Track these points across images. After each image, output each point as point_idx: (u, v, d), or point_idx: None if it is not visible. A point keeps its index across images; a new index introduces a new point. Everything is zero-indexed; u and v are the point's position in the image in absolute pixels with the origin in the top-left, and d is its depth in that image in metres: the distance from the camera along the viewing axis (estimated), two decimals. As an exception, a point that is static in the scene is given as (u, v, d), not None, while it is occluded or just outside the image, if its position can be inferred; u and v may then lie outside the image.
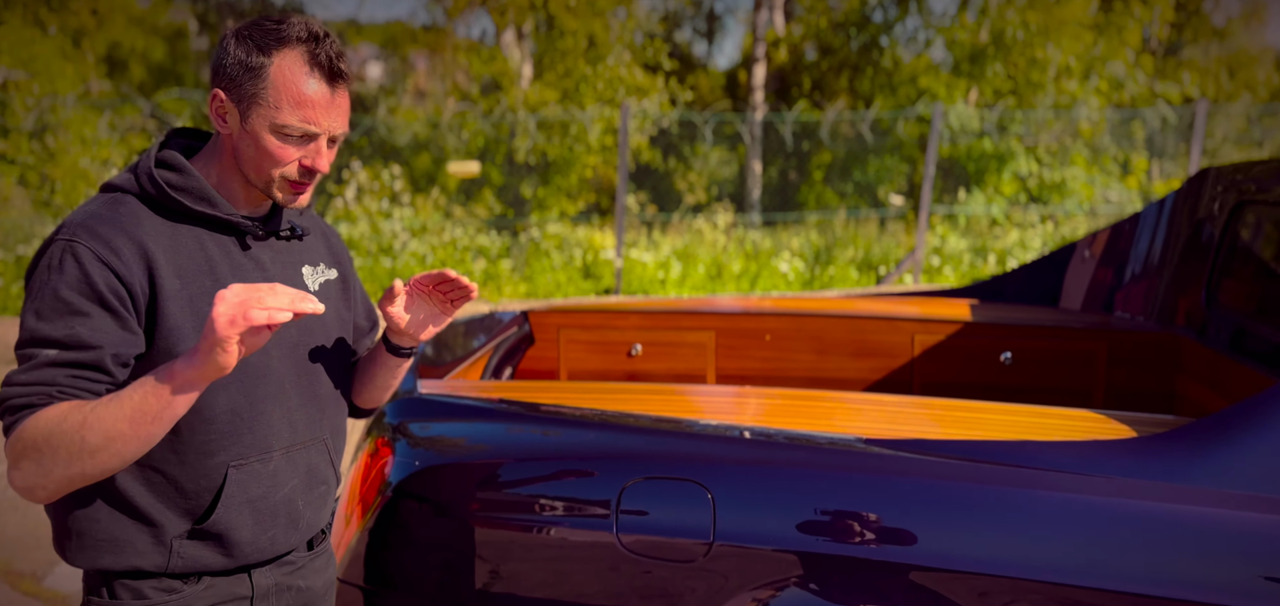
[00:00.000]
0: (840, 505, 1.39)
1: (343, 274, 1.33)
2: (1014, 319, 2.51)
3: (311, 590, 1.28)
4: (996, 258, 8.85)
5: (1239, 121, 10.83)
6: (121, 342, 1.07)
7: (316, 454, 1.25)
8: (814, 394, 1.85)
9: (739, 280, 8.25)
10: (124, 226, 1.10)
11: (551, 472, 1.49)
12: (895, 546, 1.35)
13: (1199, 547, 1.25)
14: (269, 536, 1.19)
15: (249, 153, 1.14)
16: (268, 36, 1.12)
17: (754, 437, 1.49)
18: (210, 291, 1.12)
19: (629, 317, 2.62)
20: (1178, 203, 2.44)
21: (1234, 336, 2.15)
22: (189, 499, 1.13)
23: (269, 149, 1.12)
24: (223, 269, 1.15)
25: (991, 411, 1.69)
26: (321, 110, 1.12)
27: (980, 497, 1.34)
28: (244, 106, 1.12)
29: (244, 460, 1.16)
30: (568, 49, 9.81)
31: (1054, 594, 1.28)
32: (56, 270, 1.06)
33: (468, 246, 8.29)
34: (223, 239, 1.17)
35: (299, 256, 1.26)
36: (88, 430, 1.00)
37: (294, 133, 1.12)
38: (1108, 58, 9.60)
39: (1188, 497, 1.27)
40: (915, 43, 11.50)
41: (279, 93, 1.11)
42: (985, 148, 9.28)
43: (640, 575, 1.43)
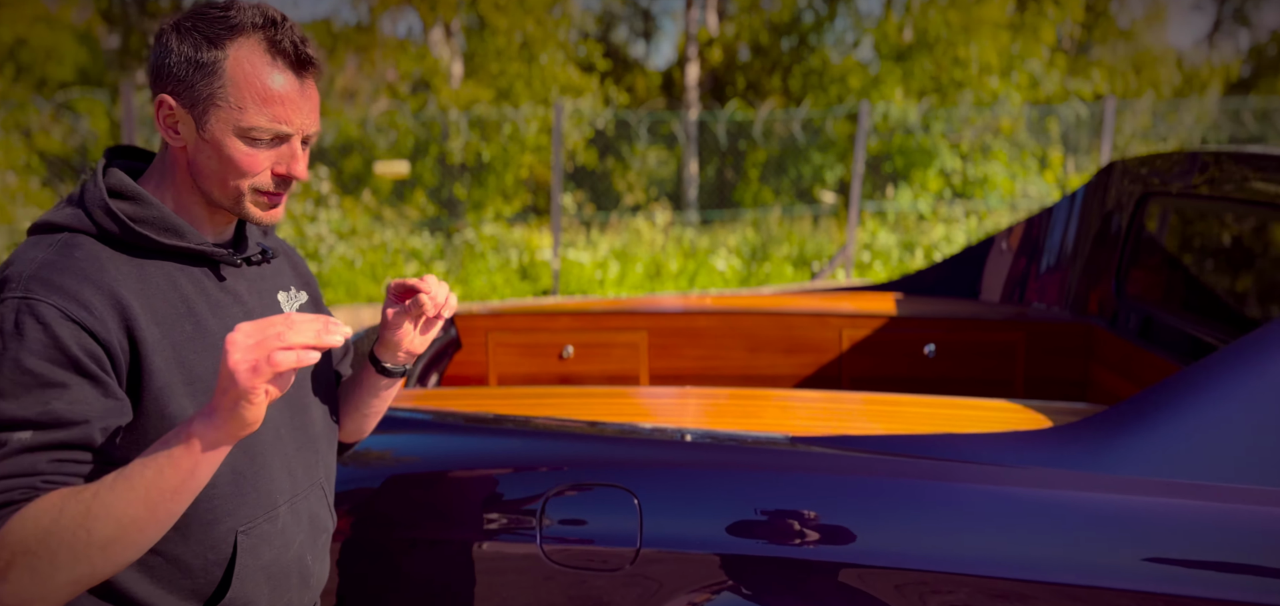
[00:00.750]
0: (768, 505, 1.38)
1: (313, 296, 1.18)
2: (937, 312, 2.57)
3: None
4: (924, 252, 9.12)
5: (1145, 117, 11.43)
6: (107, 413, 0.90)
7: (316, 500, 1.12)
8: (745, 392, 1.85)
9: (677, 279, 8.28)
10: (87, 273, 0.92)
11: (476, 484, 1.45)
12: (825, 545, 1.35)
13: (1113, 534, 1.28)
14: (285, 602, 1.06)
15: (210, 165, 0.97)
16: (216, 27, 0.95)
17: (680, 439, 1.47)
18: (193, 337, 0.97)
19: (560, 319, 2.58)
20: (1087, 196, 2.53)
21: (1142, 324, 2.24)
22: (197, 578, 0.98)
23: (235, 158, 0.96)
24: (201, 308, 0.99)
25: (915, 404, 1.71)
26: (292, 105, 0.97)
27: (907, 493, 1.35)
28: (199, 111, 0.95)
29: (252, 523, 1.01)
30: (500, 48, 9.68)
31: (981, 586, 1.29)
32: (14, 336, 0.87)
33: (398, 249, 8.09)
34: (194, 273, 1.00)
35: (272, 282, 1.11)
36: (94, 520, 0.83)
37: (263, 135, 0.96)
38: (1025, 56, 10.00)
39: (1101, 485, 1.30)
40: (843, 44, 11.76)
41: (241, 90, 0.95)
42: (911, 144, 9.55)
43: (566, 586, 1.40)
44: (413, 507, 1.45)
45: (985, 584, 1.29)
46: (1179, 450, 1.29)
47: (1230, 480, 1.26)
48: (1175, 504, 1.27)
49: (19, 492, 0.85)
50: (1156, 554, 1.26)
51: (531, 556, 1.40)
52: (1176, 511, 1.27)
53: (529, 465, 1.44)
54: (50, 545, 0.83)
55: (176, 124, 0.98)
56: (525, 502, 1.41)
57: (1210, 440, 1.27)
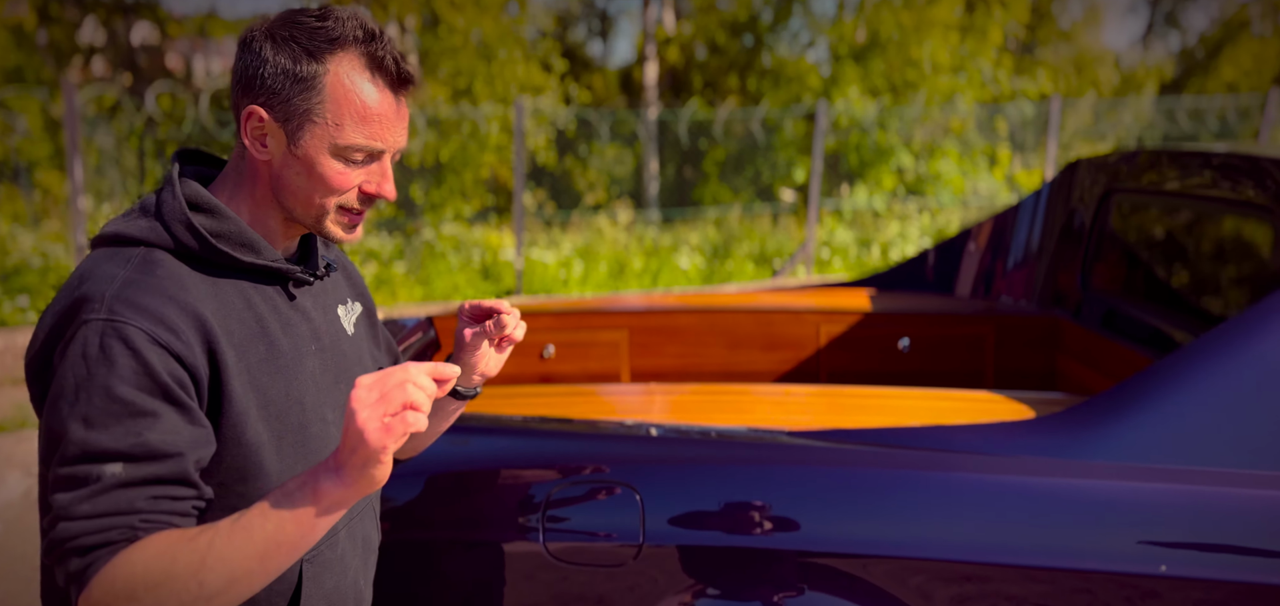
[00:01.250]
0: (770, 498, 1.41)
1: (367, 307, 1.16)
2: (910, 307, 2.64)
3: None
4: (880, 248, 9.32)
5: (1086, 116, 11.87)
6: (198, 443, 0.87)
7: (368, 520, 1.10)
8: (734, 388, 1.87)
9: (641, 277, 8.31)
10: (171, 293, 0.88)
11: (477, 484, 1.44)
12: (827, 536, 1.38)
13: (1099, 519, 1.34)
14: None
15: (297, 182, 0.94)
16: (316, 38, 0.91)
17: (683, 436, 1.49)
18: (266, 360, 0.94)
19: (540, 319, 2.57)
20: (1052, 193, 2.62)
21: (1106, 316, 2.34)
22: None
23: (327, 175, 0.93)
24: (273, 328, 0.96)
25: (903, 397, 1.76)
26: (388, 124, 0.94)
27: (906, 483, 1.39)
28: (294, 126, 0.92)
29: (315, 552, 0.98)
30: (456, 46, 9.57)
31: (976, 573, 1.34)
32: (100, 361, 0.83)
33: (355, 250, 7.94)
34: (266, 290, 0.97)
35: (332, 296, 1.08)
36: (207, 572, 0.80)
37: (359, 154, 0.93)
38: (974, 56, 10.29)
39: (1087, 472, 1.36)
40: (798, 43, 11.94)
41: (340, 107, 0.91)
42: (866, 142, 9.75)
43: (569, 583, 1.40)
44: (414, 507, 1.44)
45: (980, 571, 1.34)
46: (1159, 437, 1.35)
47: (1209, 464, 1.33)
48: (1158, 489, 1.33)
49: (117, 533, 0.82)
50: (1142, 536, 1.32)
51: (534, 554, 1.40)
52: (1159, 495, 1.33)
53: (531, 463, 1.44)
54: (158, 593, 0.80)
55: (265, 137, 0.94)
56: (528, 501, 1.41)
57: (1189, 427, 1.34)
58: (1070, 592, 1.32)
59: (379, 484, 0.83)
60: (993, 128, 10.37)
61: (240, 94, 0.94)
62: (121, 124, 7.79)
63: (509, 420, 1.55)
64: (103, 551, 0.81)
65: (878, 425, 1.59)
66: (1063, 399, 1.77)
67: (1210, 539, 1.30)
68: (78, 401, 0.82)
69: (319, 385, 0.99)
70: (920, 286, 2.88)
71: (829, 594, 1.36)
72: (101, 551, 0.81)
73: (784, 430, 1.53)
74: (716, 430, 1.52)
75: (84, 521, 0.81)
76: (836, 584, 1.36)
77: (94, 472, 0.82)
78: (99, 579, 0.80)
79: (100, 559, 0.81)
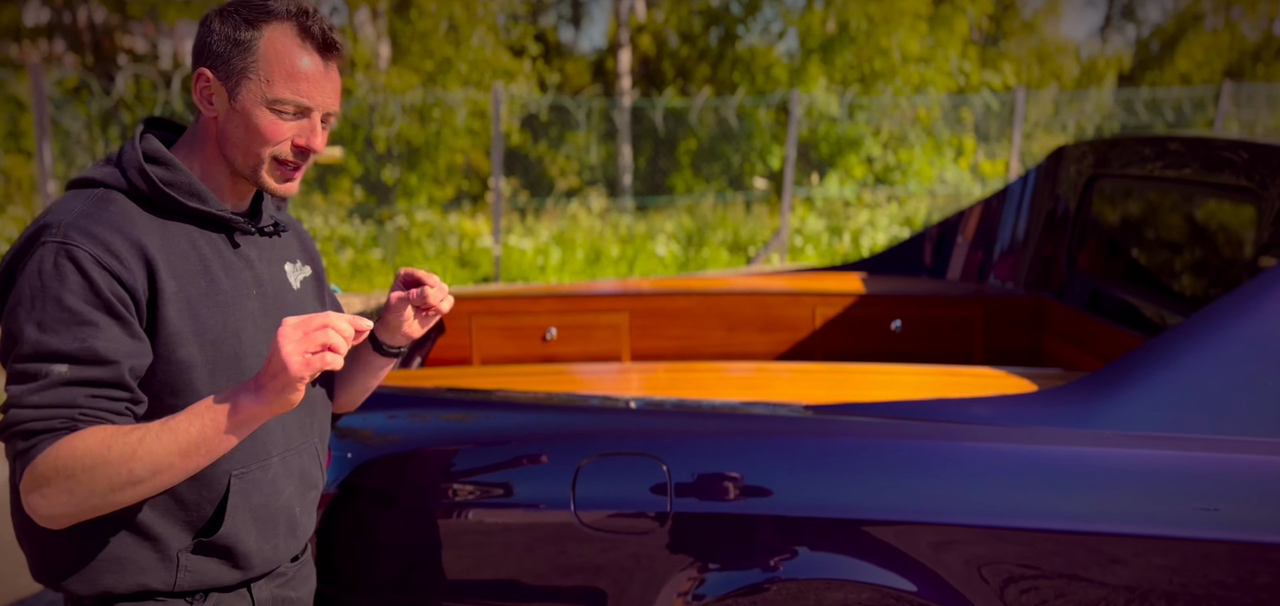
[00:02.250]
0: (792, 468, 1.46)
1: (316, 271, 1.29)
2: (902, 290, 2.72)
3: (302, 600, 1.26)
4: (851, 236, 9.47)
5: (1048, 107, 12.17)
6: (135, 353, 1.02)
7: (309, 458, 1.23)
8: (755, 365, 1.92)
9: (617, 264, 8.33)
10: (119, 226, 1.03)
11: (505, 457, 1.47)
12: (848, 504, 1.44)
13: (1105, 483, 1.42)
14: (272, 546, 1.16)
15: (237, 134, 1.09)
16: (255, 11, 1.08)
17: (707, 409, 1.54)
18: (207, 293, 1.08)
19: (542, 302, 2.60)
20: (1039, 178, 2.72)
21: (1091, 297, 2.44)
22: (191, 511, 1.09)
23: (261, 126, 1.08)
24: (216, 268, 1.10)
25: (910, 373, 1.83)
26: (315, 84, 1.09)
27: (924, 452, 1.45)
28: (233, 83, 1.07)
29: (245, 468, 1.12)
30: (427, 30, 9.45)
31: (992, 535, 1.41)
32: (54, 276, 0.99)
33: (329, 236, 7.83)
34: (213, 237, 1.12)
35: (281, 253, 1.22)
36: (136, 461, 0.96)
37: (288, 107, 1.08)
38: (941, 47, 10.48)
39: (1092, 440, 1.43)
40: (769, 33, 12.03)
41: (271, 66, 1.07)
42: (838, 132, 9.88)
43: (600, 551, 1.44)
44: (443, 481, 1.46)
45: (995, 533, 1.41)
46: (1162, 406, 1.43)
47: (1210, 432, 1.42)
48: (1158, 454, 1.42)
49: (60, 421, 0.97)
50: (1147, 500, 1.40)
51: (565, 524, 1.44)
52: (1159, 461, 1.41)
53: (561, 436, 1.47)
54: (93, 474, 0.96)
55: (211, 96, 1.09)
56: (559, 471, 1.45)
57: (1190, 397, 1.43)
58: (1081, 552, 1.40)
59: (291, 406, 0.98)
60: (959, 118, 10.59)
61: (194, 61, 1.10)
62: (86, 106, 7.56)
63: (538, 395, 1.58)
64: (45, 436, 0.97)
65: (887, 399, 1.65)
66: (1058, 374, 1.85)
67: (1213, 502, 1.39)
68: (34, 309, 0.99)
69: (258, 325, 1.13)
70: (911, 270, 2.97)
71: (854, 558, 1.42)
72: (44, 436, 0.97)
73: (800, 404, 1.58)
74: (738, 403, 1.57)
75: (32, 410, 0.97)
76: (861, 548, 1.42)
77: (43, 370, 0.98)
78: (41, 458, 0.96)
79: (43, 442, 0.97)
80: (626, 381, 1.87)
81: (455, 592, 1.44)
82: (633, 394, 1.74)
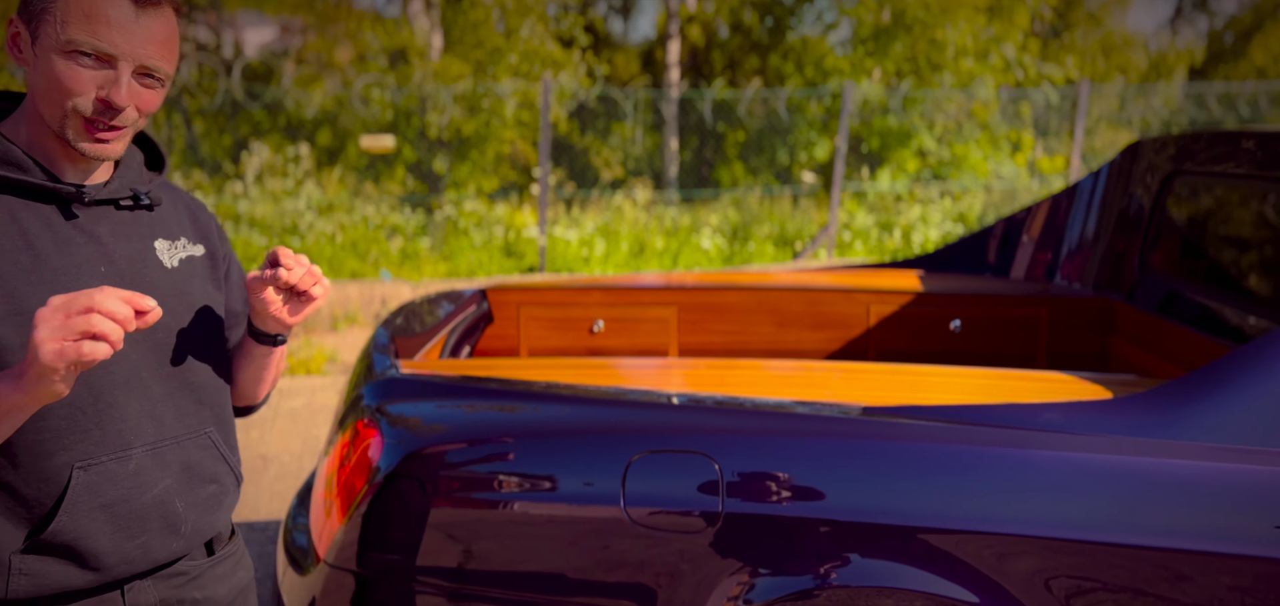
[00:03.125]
0: (846, 471, 1.40)
1: (210, 250, 1.17)
2: (961, 288, 2.62)
3: (212, 600, 1.15)
4: (902, 232, 9.26)
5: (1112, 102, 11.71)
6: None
7: (197, 449, 1.11)
8: (807, 364, 1.87)
9: (661, 257, 8.29)
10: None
11: (555, 450, 1.44)
12: (905, 510, 1.38)
13: (1188, 497, 1.33)
14: (139, 544, 1.04)
15: (41, 84, 0.97)
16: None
17: (762, 408, 1.49)
18: (27, 269, 0.97)
19: (590, 294, 2.57)
20: (1111, 174, 2.59)
21: (1164, 299, 2.31)
22: (27, 506, 0.98)
23: (59, 74, 0.96)
24: (44, 243, 0.99)
25: (969, 376, 1.75)
26: (119, 29, 0.96)
27: (988, 460, 1.38)
28: (34, 27, 0.97)
29: (93, 460, 1.01)
30: (479, 20, 9.52)
31: (1058, 548, 1.34)
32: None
33: (380, 225, 7.96)
34: (41, 209, 1.00)
35: (150, 229, 1.09)
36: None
37: (86, 50, 0.95)
38: (1001, 39, 10.16)
39: (1174, 452, 1.35)
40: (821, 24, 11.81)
41: (68, 4, 0.95)
42: (890, 126, 9.66)
43: (649, 549, 1.41)
44: (491, 472, 1.45)
45: (1067, 546, 1.33)
46: (1250, 419, 1.34)
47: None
48: (1248, 470, 1.32)
49: None
50: (1231, 516, 1.31)
51: (614, 519, 1.41)
52: (1249, 478, 1.32)
53: (612, 431, 1.44)
54: None
55: (20, 45, 0.99)
56: (609, 467, 1.42)
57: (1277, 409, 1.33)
58: (1156, 569, 1.32)
59: (59, 395, 0.89)
60: (1017, 112, 10.25)
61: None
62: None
63: (588, 390, 1.55)
64: None
65: (949, 402, 1.58)
66: (1133, 380, 1.75)
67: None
68: None
69: None
70: (971, 268, 2.86)
71: (914, 567, 1.36)
72: None
73: (858, 405, 1.52)
74: (793, 403, 1.52)
75: None
76: (922, 558, 1.36)
77: None
78: None
79: None
80: (674, 377, 1.83)
81: (501, 583, 1.42)
82: (680, 390, 1.70)
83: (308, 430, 4.11)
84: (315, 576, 1.49)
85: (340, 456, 1.55)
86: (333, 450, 1.60)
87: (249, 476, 3.56)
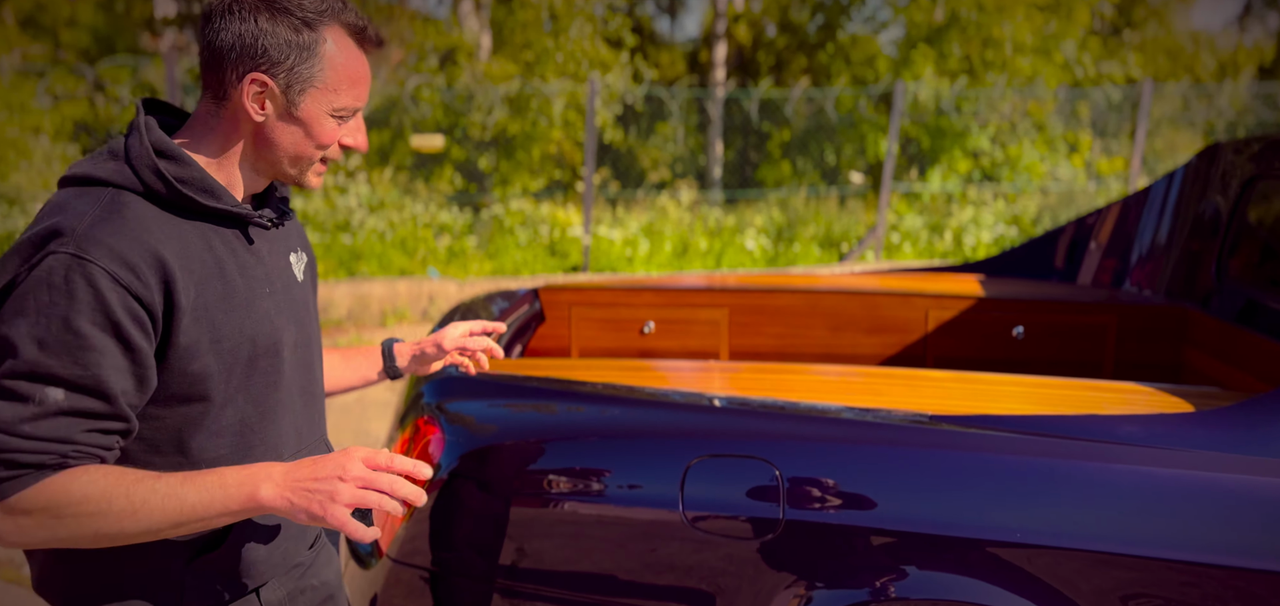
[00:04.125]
0: (910, 481, 1.36)
1: (310, 258, 1.23)
2: (1025, 293, 2.54)
3: (328, 585, 1.21)
4: (953, 234, 9.05)
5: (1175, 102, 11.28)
6: (141, 385, 0.94)
7: (319, 452, 1.18)
8: (864, 371, 1.83)
9: (705, 258, 8.25)
10: (138, 236, 0.93)
11: (614, 452, 1.43)
12: (971, 522, 1.33)
13: (1274, 516, 1.26)
14: (282, 551, 1.11)
15: (290, 139, 1.02)
16: (309, 11, 1.00)
17: (824, 415, 1.46)
18: (221, 297, 1.00)
19: (641, 295, 2.56)
20: (1187, 178, 2.49)
21: (1243, 308, 2.21)
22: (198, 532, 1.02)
23: (319, 134, 1.03)
24: (231, 268, 1.03)
25: (1043, 386, 1.69)
26: (367, 83, 1.05)
27: (1061, 472, 1.33)
28: (296, 91, 1.00)
29: None
30: (527, 21, 9.59)
31: (1134, 565, 1.28)
32: (63, 292, 0.88)
33: (428, 223, 8.07)
34: (227, 234, 1.04)
35: (284, 244, 1.15)
36: (131, 520, 0.90)
37: (349, 113, 1.05)
38: (1060, 37, 9.86)
39: (1262, 469, 1.28)
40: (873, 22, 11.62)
41: (338, 73, 1.02)
42: (943, 125, 9.46)
43: (707, 552, 1.39)
44: (552, 471, 1.44)
45: (1144, 563, 1.28)
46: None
47: None
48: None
49: (51, 458, 0.89)
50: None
51: (673, 522, 1.39)
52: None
53: (671, 434, 1.43)
54: (82, 521, 0.90)
55: (264, 101, 1.01)
56: (668, 470, 1.40)
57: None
58: (1238, 591, 1.25)
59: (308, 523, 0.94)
60: (1075, 112, 9.94)
61: (234, 61, 0.99)
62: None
63: (648, 392, 1.54)
64: (32, 472, 0.89)
65: (1015, 412, 1.53)
66: (1215, 393, 1.67)
67: None
68: (37, 323, 0.88)
69: (272, 324, 1.06)
70: (1034, 273, 2.78)
71: (983, 581, 1.31)
72: (31, 472, 0.89)
73: (925, 413, 1.48)
74: (856, 410, 1.48)
75: (23, 440, 0.88)
76: (993, 572, 1.31)
77: (38, 394, 0.88)
78: (26, 494, 0.88)
79: (29, 478, 0.88)
80: (728, 380, 1.80)
81: (558, 583, 1.41)
82: (735, 393, 1.67)
83: (360, 424, 4.18)
84: (377, 571, 1.51)
85: (402, 452, 1.56)
86: (394, 446, 1.62)
87: (303, 468, 3.63)
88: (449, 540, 1.44)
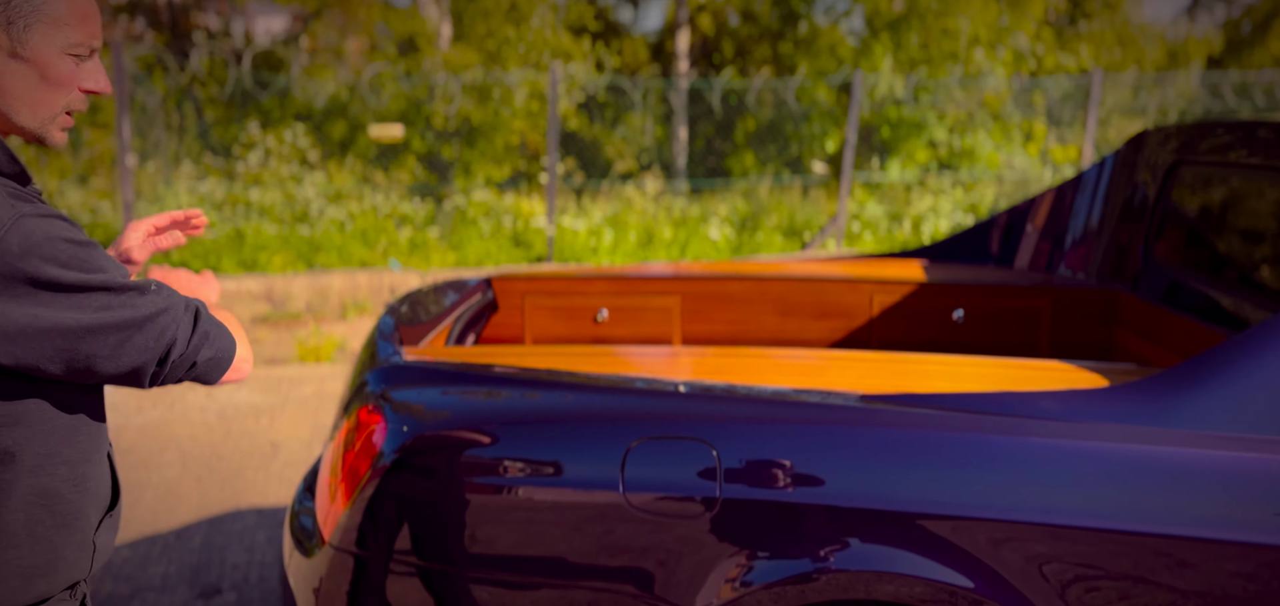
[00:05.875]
0: (843, 458, 1.42)
1: None
2: (965, 278, 2.62)
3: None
4: (912, 223, 9.22)
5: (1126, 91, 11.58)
6: None
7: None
8: (810, 353, 1.88)
9: (670, 247, 8.29)
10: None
11: (555, 436, 1.47)
12: (901, 497, 1.39)
13: (1182, 484, 1.34)
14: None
15: (23, 86, 0.93)
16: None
17: (759, 396, 1.50)
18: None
19: (594, 283, 2.59)
20: (1117, 164, 2.58)
21: (1168, 289, 2.31)
22: (99, 491, 1.07)
23: (60, 76, 0.95)
24: None
25: (969, 365, 1.76)
26: (97, 19, 0.98)
27: (982, 447, 1.39)
28: (21, 26, 0.92)
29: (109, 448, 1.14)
30: (489, 9, 9.52)
31: (1053, 534, 1.35)
32: (64, 228, 0.93)
33: (390, 214, 8.00)
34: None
35: None
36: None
37: (84, 51, 0.97)
38: (1014, 29, 10.07)
39: (1169, 440, 1.35)
40: (833, 12, 11.74)
41: (63, 8, 0.94)
42: (902, 115, 9.61)
43: (647, 533, 1.43)
44: (493, 457, 1.47)
45: (1061, 532, 1.35)
46: (1243, 407, 1.34)
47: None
48: (1240, 457, 1.33)
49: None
50: (1224, 503, 1.32)
51: (614, 505, 1.43)
52: (1241, 464, 1.33)
53: (611, 418, 1.46)
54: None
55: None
56: (609, 453, 1.44)
57: (1272, 397, 1.33)
58: (1151, 555, 1.33)
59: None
60: (1030, 102, 10.16)
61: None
62: (163, 82, 7.86)
63: (589, 377, 1.57)
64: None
65: (948, 391, 1.59)
66: (1132, 369, 1.76)
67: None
68: (90, 270, 0.99)
69: None
70: (975, 258, 2.86)
71: (907, 551, 1.38)
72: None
73: (856, 393, 1.53)
74: (791, 391, 1.53)
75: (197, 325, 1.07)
76: (919, 544, 1.38)
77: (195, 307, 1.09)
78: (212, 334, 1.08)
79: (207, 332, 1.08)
80: (676, 365, 1.85)
81: (503, 567, 1.45)
82: (682, 378, 1.72)
83: (316, 417, 4.15)
84: (320, 559, 1.53)
85: (344, 441, 1.57)
86: (337, 435, 1.63)
87: (258, 463, 3.61)
88: (391, 527, 1.46)
